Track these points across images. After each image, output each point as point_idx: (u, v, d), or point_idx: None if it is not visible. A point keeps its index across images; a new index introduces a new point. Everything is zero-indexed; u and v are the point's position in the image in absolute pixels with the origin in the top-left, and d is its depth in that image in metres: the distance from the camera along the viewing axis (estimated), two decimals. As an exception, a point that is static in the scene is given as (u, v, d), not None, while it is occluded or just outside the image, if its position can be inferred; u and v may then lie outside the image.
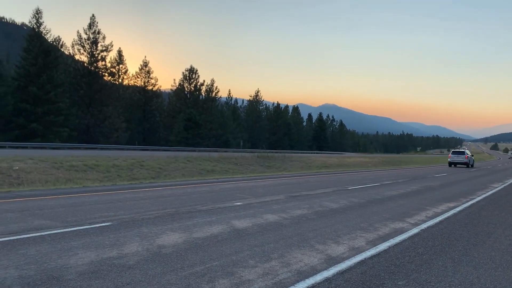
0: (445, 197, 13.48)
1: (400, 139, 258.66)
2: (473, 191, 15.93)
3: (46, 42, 45.92)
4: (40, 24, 44.55)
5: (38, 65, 41.42)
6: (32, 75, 41.26)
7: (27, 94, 40.70)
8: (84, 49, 50.38)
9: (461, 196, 14.00)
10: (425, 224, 8.11)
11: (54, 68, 43.99)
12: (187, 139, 54.08)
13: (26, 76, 41.64)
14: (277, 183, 16.40)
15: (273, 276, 4.46)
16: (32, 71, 41.31)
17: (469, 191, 15.85)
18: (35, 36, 43.58)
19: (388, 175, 25.02)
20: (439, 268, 5.06)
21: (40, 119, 40.26)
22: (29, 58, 42.11)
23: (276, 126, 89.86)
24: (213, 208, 8.96)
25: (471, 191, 16.11)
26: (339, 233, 6.87)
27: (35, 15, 44.49)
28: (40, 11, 44.72)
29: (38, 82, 40.93)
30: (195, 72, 66.42)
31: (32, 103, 40.42)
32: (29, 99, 40.61)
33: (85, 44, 50.27)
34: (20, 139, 37.73)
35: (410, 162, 54.29)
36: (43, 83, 41.15)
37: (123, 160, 20.44)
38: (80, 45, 50.26)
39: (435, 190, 15.98)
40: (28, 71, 41.66)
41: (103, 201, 9.69)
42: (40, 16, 44.65)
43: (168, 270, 4.52)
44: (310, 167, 30.80)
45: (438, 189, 16.25)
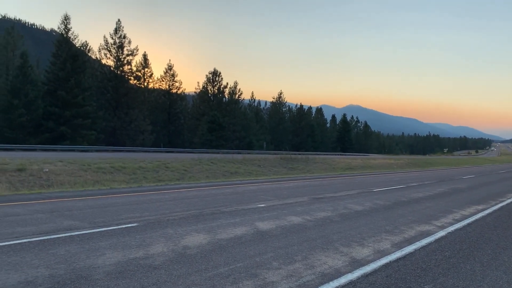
0: (473, 199, 13.15)
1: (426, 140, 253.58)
2: (503, 193, 15.48)
3: (74, 47, 47.10)
4: (68, 29, 45.75)
5: (66, 70, 42.53)
6: (61, 79, 42.41)
7: (56, 98, 41.86)
8: (110, 54, 51.45)
9: (490, 198, 13.63)
10: (453, 227, 7.94)
11: (82, 73, 45.07)
12: (211, 141, 54.44)
13: (55, 80, 42.83)
14: (300, 185, 16.34)
15: (297, 278, 4.45)
16: (61, 75, 42.45)
17: (498, 193, 15.42)
18: (63, 41, 44.77)
19: (414, 177, 24.57)
20: (467, 272, 4.95)
21: (68, 122, 41.31)
22: (58, 63, 43.30)
23: (299, 128, 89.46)
24: (236, 210, 9.01)
25: (501, 193, 15.66)
26: (364, 236, 6.80)
27: (63, 21, 45.73)
28: (68, 17, 45.98)
29: (66, 86, 42.04)
30: (218, 74, 66.87)
31: (61, 106, 41.52)
32: (58, 103, 41.74)
33: (111, 48, 51.33)
34: (50, 142, 38.83)
35: (437, 163, 53.15)
36: (71, 87, 42.22)
37: (148, 162, 20.76)
38: (107, 50, 51.36)
39: (463, 192, 15.61)
40: (57, 76, 42.85)
41: (129, 202, 9.88)
42: (68, 22, 45.88)
43: (192, 271, 4.58)
44: (334, 169, 30.55)
45: (466, 191, 15.87)
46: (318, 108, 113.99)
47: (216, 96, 66.71)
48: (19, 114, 38.26)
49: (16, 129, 38.54)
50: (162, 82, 65.55)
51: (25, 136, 38.55)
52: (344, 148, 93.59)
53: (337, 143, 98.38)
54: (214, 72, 66.98)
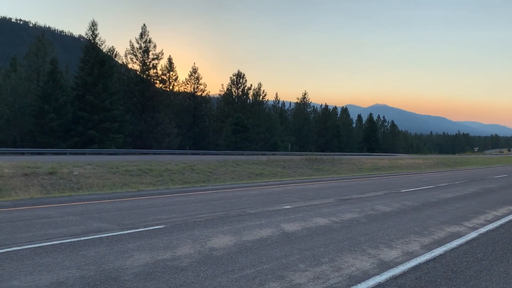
0: (506, 199, 12.74)
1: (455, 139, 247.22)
2: (538, 193, 14.95)
3: (101, 53, 48.20)
4: (96, 35, 46.86)
5: (94, 75, 43.55)
6: (89, 84, 43.46)
7: (84, 102, 42.93)
8: (136, 58, 52.37)
9: (524, 198, 13.18)
10: (484, 228, 7.70)
11: (109, 77, 46.07)
12: (235, 143, 54.66)
13: (84, 85, 43.94)
14: (326, 186, 16.21)
15: (324, 281, 4.41)
16: (88, 80, 43.51)
17: (533, 193, 14.89)
18: (91, 47, 45.88)
19: (444, 177, 24.01)
20: (500, 275, 4.79)
21: (97, 126, 42.27)
22: (86, 68, 44.40)
23: (325, 128, 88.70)
24: (262, 211, 9.01)
25: (535, 193, 15.12)
26: (392, 237, 6.68)
27: (91, 27, 46.87)
28: (96, 23, 47.11)
29: (94, 91, 43.05)
30: (242, 76, 67.12)
31: (89, 111, 42.55)
32: (86, 107, 42.80)
33: (137, 53, 52.25)
34: (79, 145, 39.86)
35: (467, 163, 51.77)
36: (99, 92, 43.21)
37: (175, 164, 21.02)
38: (133, 54, 52.30)
39: (494, 192, 15.14)
40: (85, 81, 43.95)
41: (156, 204, 10.02)
42: (96, 28, 47.00)
43: (219, 273, 4.60)
44: (360, 170, 30.18)
45: (498, 191, 15.39)
46: (343, 108, 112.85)
47: (240, 98, 66.97)
48: (49, 118, 39.41)
49: (47, 133, 39.71)
50: (187, 85, 66.33)
51: (55, 140, 39.65)
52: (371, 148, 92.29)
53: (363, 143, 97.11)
54: (238, 74, 67.29)
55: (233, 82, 67.16)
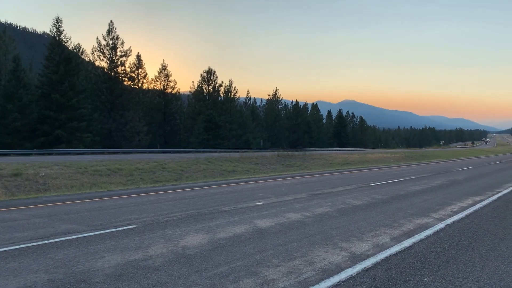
0: (471, 191, 13.21)
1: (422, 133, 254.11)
2: (499, 184, 15.56)
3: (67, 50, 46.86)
4: (61, 32, 45.50)
5: (60, 73, 42.28)
6: (55, 82, 42.16)
7: (50, 101, 41.61)
8: (103, 55, 51.21)
9: (487, 189, 13.69)
10: (451, 219, 7.96)
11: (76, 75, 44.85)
12: (207, 140, 54.38)
13: (49, 83, 42.57)
14: (298, 181, 16.36)
15: (297, 275, 4.45)
16: (54, 78, 42.21)
17: (495, 184, 15.49)
18: (56, 44, 44.51)
19: (411, 170, 24.65)
20: (466, 264, 4.96)
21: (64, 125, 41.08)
22: (51, 66, 43.04)
23: (296, 125, 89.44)
24: (235, 209, 9.00)
25: (497, 184, 15.73)
26: (363, 230, 6.81)
27: (55, 24, 45.46)
28: (60, 20, 45.71)
29: (60, 89, 41.80)
30: (213, 73, 66.73)
31: (56, 110, 41.30)
32: (52, 106, 41.51)
33: (104, 50, 51.09)
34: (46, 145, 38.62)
35: (433, 156, 53.32)
36: (66, 90, 41.99)
37: (145, 163, 20.72)
38: (100, 52, 51.11)
39: (460, 184, 15.66)
40: (50, 79, 42.60)
41: (127, 204, 9.85)
42: (60, 25, 45.61)
43: (192, 271, 4.57)
44: (331, 165, 30.59)
45: (463, 183, 15.93)
46: (314, 104, 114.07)
47: (212, 95, 66.62)
48: (13, 118, 38.04)
49: (11, 134, 38.32)
50: (157, 82, 65.50)
51: (20, 141, 38.33)
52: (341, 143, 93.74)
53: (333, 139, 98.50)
54: (209, 71, 66.89)
55: (204, 79, 66.70)
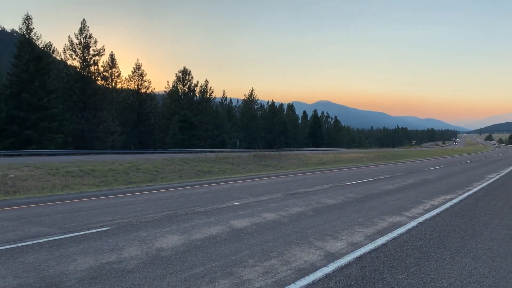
0: (442, 189, 13.55)
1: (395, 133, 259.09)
2: (469, 183, 16.02)
3: (37, 48, 45.54)
4: (31, 30, 44.20)
5: (30, 72, 41.07)
6: (25, 81, 40.91)
7: (20, 101, 40.35)
8: (76, 54, 50.04)
9: (457, 188, 14.07)
10: (423, 217, 8.14)
11: (47, 74, 43.66)
12: (183, 140, 53.93)
13: (18, 83, 41.26)
14: (274, 181, 16.41)
15: (273, 275, 4.46)
16: (24, 77, 40.96)
17: (465, 183, 15.94)
18: (25, 42, 43.18)
19: (384, 169, 25.10)
20: (437, 260, 5.08)
21: (34, 126, 39.93)
22: (21, 65, 41.76)
23: (272, 125, 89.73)
24: (211, 209, 8.96)
25: (467, 182, 16.20)
26: (338, 229, 6.89)
27: (25, 22, 44.09)
28: (30, 18, 44.38)
29: (30, 89, 40.61)
30: (188, 73, 66.15)
31: (26, 110, 40.09)
32: (22, 106, 40.28)
33: (76, 49, 49.93)
34: (15, 146, 37.47)
35: (406, 155, 54.45)
36: (36, 90, 40.83)
37: (119, 164, 20.38)
38: (72, 50, 49.92)
39: (431, 183, 16.04)
40: (20, 78, 41.31)
41: (100, 206, 9.66)
42: (30, 22, 44.29)
43: (167, 273, 4.52)
44: (307, 164, 30.82)
45: (434, 182, 16.32)
46: (289, 104, 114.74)
47: (187, 95, 66.09)
48: (-20, 118, 36.80)
49: (-22, 134, 37.06)
50: (131, 82, 64.51)
51: (-13, 142, 37.12)
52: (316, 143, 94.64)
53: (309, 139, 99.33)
54: (184, 71, 66.32)
55: (179, 79, 66.11)
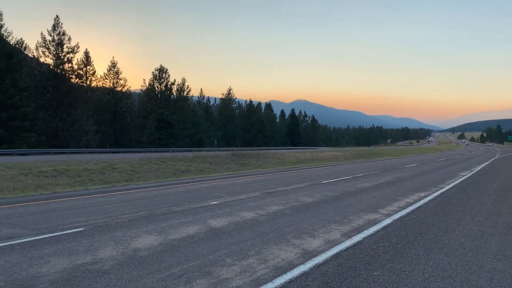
0: (416, 187, 13.83)
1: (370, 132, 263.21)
2: (442, 180, 16.40)
3: (8, 45, 44.19)
4: (1, 26, 42.89)
5: (0, 69, 39.91)
6: (-5, 79, 39.80)
7: (-10, 99, 39.24)
8: (49, 51, 48.80)
9: (431, 185, 14.39)
10: (398, 215, 8.29)
11: (18, 72, 42.43)
12: (159, 139, 53.37)
13: (-12, 80, 40.12)
14: (252, 180, 16.43)
15: (250, 273, 4.47)
16: (-6, 75, 39.83)
17: (438, 181, 16.31)
18: (-5, 39, 41.99)
19: (360, 167, 25.45)
20: (412, 257, 5.18)
21: (5, 124, 38.76)
22: (-9, 62, 40.57)
23: (250, 124, 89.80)
24: (188, 209, 8.90)
25: (440, 180, 16.58)
26: (315, 227, 6.95)
27: (-5, 17, 42.89)
28: (0, 13, 43.17)
29: (1, 87, 39.37)
30: (165, 71, 65.43)
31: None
32: (-8, 104, 39.16)
33: (50, 46, 48.71)
34: (-15, 146, 36.41)
35: (381, 154, 55.35)
36: (7, 88, 39.64)
37: (94, 163, 20.01)
38: (45, 47, 48.65)
39: (406, 180, 16.36)
40: (-10, 76, 40.16)
41: (75, 206, 9.47)
42: (1, 18, 43.05)
43: (144, 273, 4.46)
44: (284, 163, 30.97)
45: (409, 180, 16.64)
46: (267, 103, 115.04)
47: (164, 93, 65.40)
48: None
49: None
50: (106, 80, 63.44)
51: (-44, 141, 35.84)
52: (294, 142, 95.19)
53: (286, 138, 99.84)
54: (161, 69, 65.58)
55: (156, 77, 65.34)
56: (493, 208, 9.39)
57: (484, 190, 13.01)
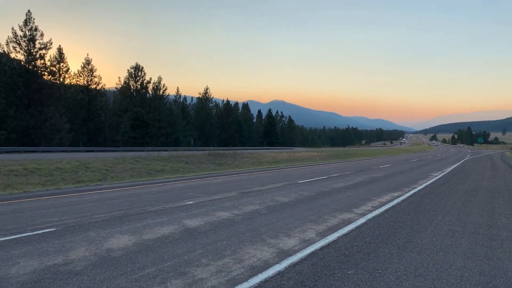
0: (390, 187, 14.08)
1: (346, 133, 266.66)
2: (415, 181, 16.76)
3: (-23, 40, 42.91)
4: (-30, 20, 41.71)
5: (-32, 64, 38.67)
6: (-38, 75, 38.48)
7: (-43, 95, 37.92)
8: (20, 47, 47.43)
9: (404, 185, 14.68)
10: (371, 214, 8.43)
11: (-13, 67, 41.29)
12: (135, 138, 52.65)
13: (-45, 76, 38.76)
14: (229, 180, 16.39)
15: (226, 273, 4.45)
16: (-39, 71, 38.50)
17: (411, 181, 16.65)
18: (-38, 33, 40.58)
19: (336, 168, 25.74)
20: (385, 256, 5.27)
21: (-27, 122, 37.66)
22: (-42, 57, 39.21)
23: (227, 124, 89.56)
24: (163, 209, 8.80)
25: (413, 180, 16.93)
26: (290, 227, 6.98)
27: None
28: (-31, 6, 41.84)
29: (-31, 83, 38.26)
30: (141, 69, 64.53)
31: (-37, 105, 37.71)
32: (-41, 101, 37.85)
33: (21, 41, 47.34)
34: (-49, 144, 35.13)
35: (356, 154, 56.15)
36: (-25, 84, 38.52)
37: (67, 162, 19.57)
38: (16, 43, 47.26)
39: (380, 180, 16.63)
40: (-43, 71, 38.79)
41: (46, 206, 9.23)
42: (-31, 12, 41.78)
43: (117, 274, 4.39)
44: (261, 163, 31.02)
45: (382, 180, 16.93)
46: (244, 103, 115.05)
47: (139, 91, 64.52)
48: None
49: None
50: (80, 77, 62.11)
51: None
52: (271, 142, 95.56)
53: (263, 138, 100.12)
54: (136, 67, 64.69)
55: (131, 75, 64.40)
56: (463, 207, 9.66)
57: (455, 191, 13.37)
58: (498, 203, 10.63)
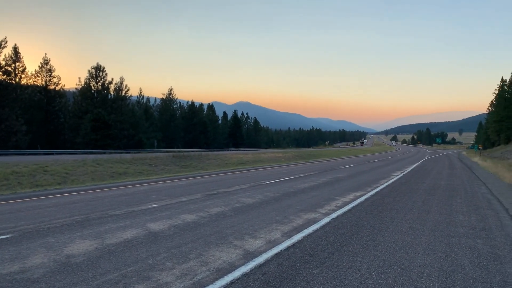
0: (352, 187, 14.37)
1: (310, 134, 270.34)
2: (377, 180, 17.18)
3: None
4: None
5: None
6: None
7: None
8: (-28, 45, 45.45)
9: (366, 185, 15.02)
10: (335, 214, 8.56)
11: None
12: (96, 140, 51.25)
13: None
14: (194, 182, 16.23)
15: (191, 277, 4.40)
16: None
17: (373, 181, 17.07)
18: None
19: (301, 168, 26.02)
20: (349, 254, 5.37)
21: None
22: None
23: (192, 125, 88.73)
24: (126, 212, 8.60)
25: (375, 180, 17.36)
26: (256, 228, 6.99)
27: None
28: None
29: None
30: (102, 69, 62.89)
31: None
32: None
33: (-27, 39, 45.36)
34: None
35: (320, 155, 57.00)
36: None
37: (23, 166, 18.79)
38: (-33, 41, 45.25)
39: (343, 180, 16.94)
40: None
41: (1, 211, 8.81)
42: None
43: (78, 280, 4.24)
44: (227, 165, 30.92)
45: (346, 180, 17.26)
46: (209, 104, 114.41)
47: (100, 92, 62.88)
48: None
49: None
50: (38, 77, 59.81)
51: None
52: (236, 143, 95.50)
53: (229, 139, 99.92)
54: (98, 67, 63.01)
55: (92, 76, 62.66)
56: (423, 206, 9.98)
57: (415, 189, 13.81)
58: (455, 201, 11.07)
